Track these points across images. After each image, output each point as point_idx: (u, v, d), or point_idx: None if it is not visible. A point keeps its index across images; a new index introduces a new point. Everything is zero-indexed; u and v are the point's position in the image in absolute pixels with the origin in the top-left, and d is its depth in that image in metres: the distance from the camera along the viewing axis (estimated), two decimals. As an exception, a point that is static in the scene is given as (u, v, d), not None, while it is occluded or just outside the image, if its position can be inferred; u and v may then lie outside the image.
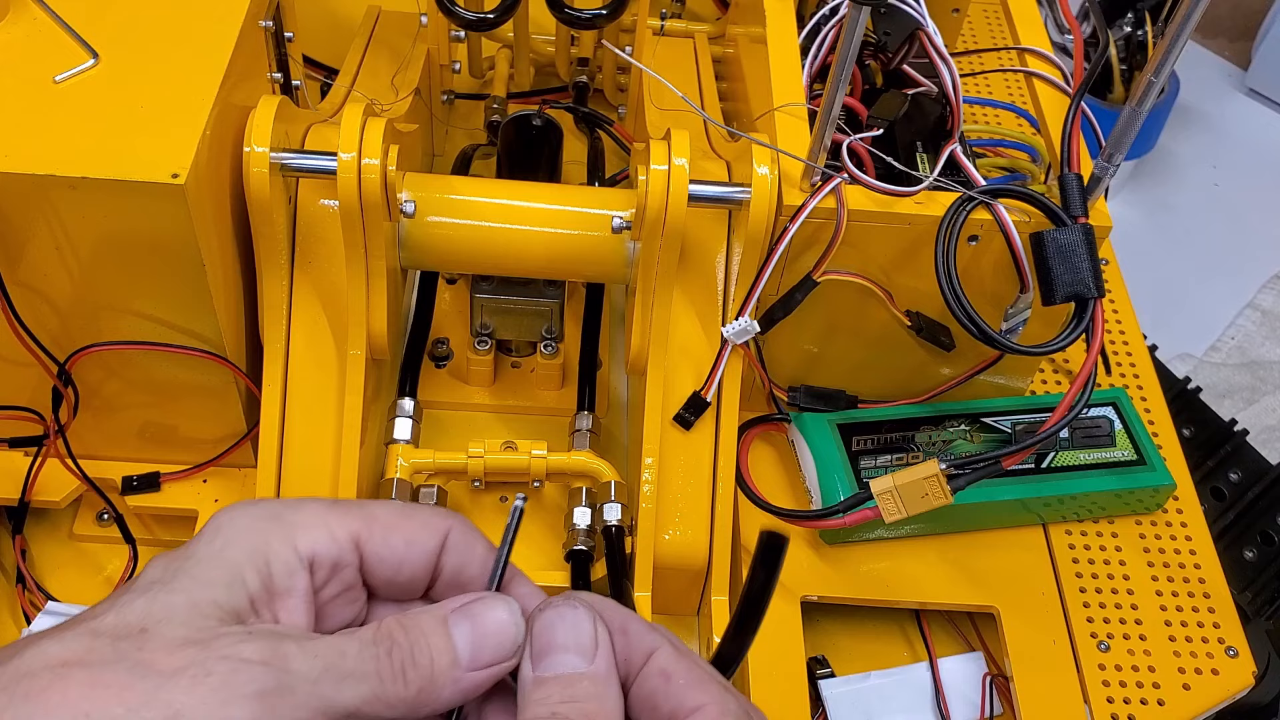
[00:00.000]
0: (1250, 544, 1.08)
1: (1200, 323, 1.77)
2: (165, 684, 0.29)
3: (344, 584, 0.35)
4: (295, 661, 0.31)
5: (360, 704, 0.31)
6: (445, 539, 0.36)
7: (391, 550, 0.35)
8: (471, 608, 0.34)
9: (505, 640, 0.33)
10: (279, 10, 0.72)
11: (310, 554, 0.34)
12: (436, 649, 0.33)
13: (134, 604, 0.31)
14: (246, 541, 0.33)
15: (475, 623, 0.33)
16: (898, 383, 0.74)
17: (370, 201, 0.61)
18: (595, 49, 0.93)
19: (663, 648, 0.34)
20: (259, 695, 0.30)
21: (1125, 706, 0.66)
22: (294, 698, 0.30)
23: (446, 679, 0.32)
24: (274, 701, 0.30)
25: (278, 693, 0.30)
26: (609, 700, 0.33)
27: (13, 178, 0.55)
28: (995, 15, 1.08)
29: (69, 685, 0.29)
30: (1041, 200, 0.64)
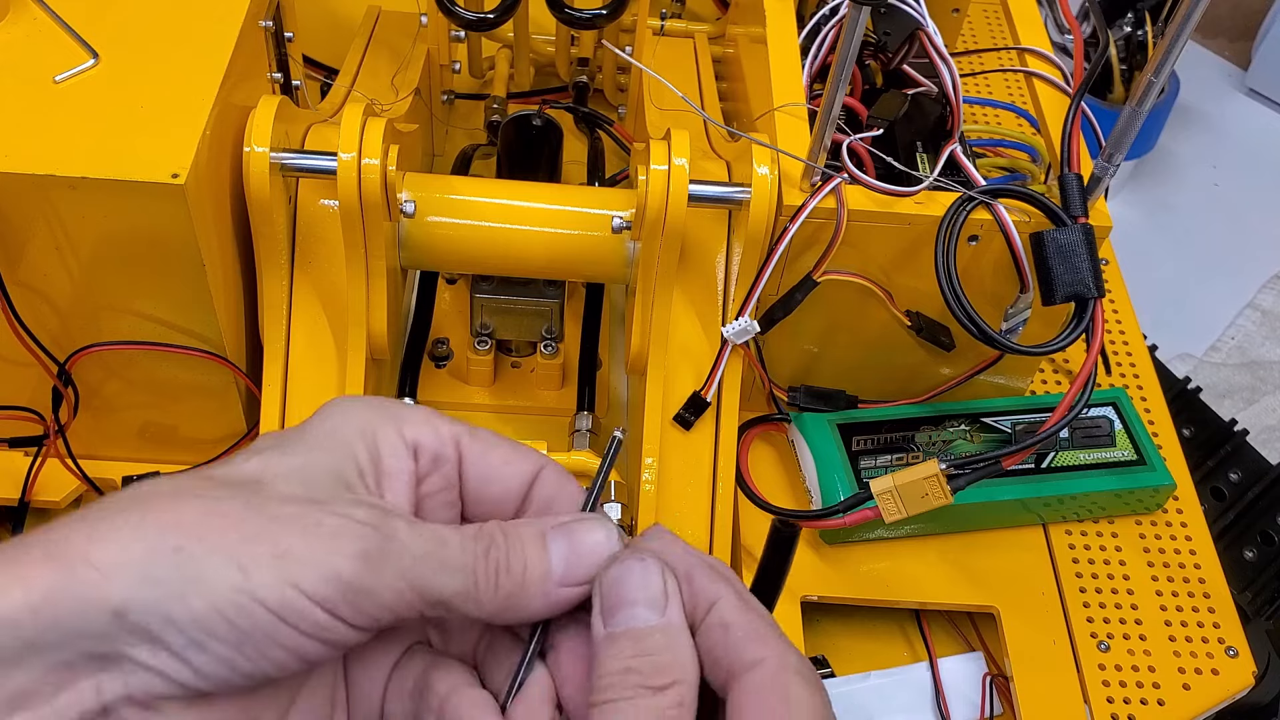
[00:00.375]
0: (1250, 544, 1.08)
1: (1200, 323, 1.77)
2: (277, 524, 0.30)
3: (443, 480, 0.35)
4: (402, 534, 0.32)
5: (452, 596, 0.32)
6: (539, 472, 0.36)
7: (488, 462, 0.36)
8: (571, 526, 0.34)
9: (600, 560, 0.34)
10: (279, 10, 0.72)
11: (415, 441, 0.34)
12: (532, 559, 0.33)
13: (248, 462, 0.33)
14: (356, 423, 0.34)
15: (573, 541, 0.34)
16: (898, 383, 0.74)
17: (370, 201, 0.61)
18: (595, 49, 0.93)
19: (724, 597, 0.33)
20: (364, 554, 0.30)
21: (1125, 706, 0.66)
22: (394, 568, 0.31)
23: (537, 590, 0.33)
24: (377, 565, 0.31)
25: (381, 558, 0.31)
26: (682, 651, 0.32)
27: (13, 178, 0.55)
28: (995, 15, 1.08)
29: (184, 508, 0.30)
30: (1041, 200, 0.64)
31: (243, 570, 0.29)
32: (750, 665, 0.32)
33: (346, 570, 0.30)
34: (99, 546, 0.29)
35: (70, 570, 0.29)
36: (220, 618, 0.29)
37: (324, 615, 0.30)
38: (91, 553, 0.29)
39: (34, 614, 0.28)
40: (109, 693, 0.30)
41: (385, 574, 0.31)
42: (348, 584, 0.30)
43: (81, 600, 0.29)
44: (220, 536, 0.30)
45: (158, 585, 0.29)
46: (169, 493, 0.31)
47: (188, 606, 0.29)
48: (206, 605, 0.29)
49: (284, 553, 0.30)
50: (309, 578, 0.30)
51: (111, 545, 0.29)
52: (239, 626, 0.29)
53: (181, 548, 0.29)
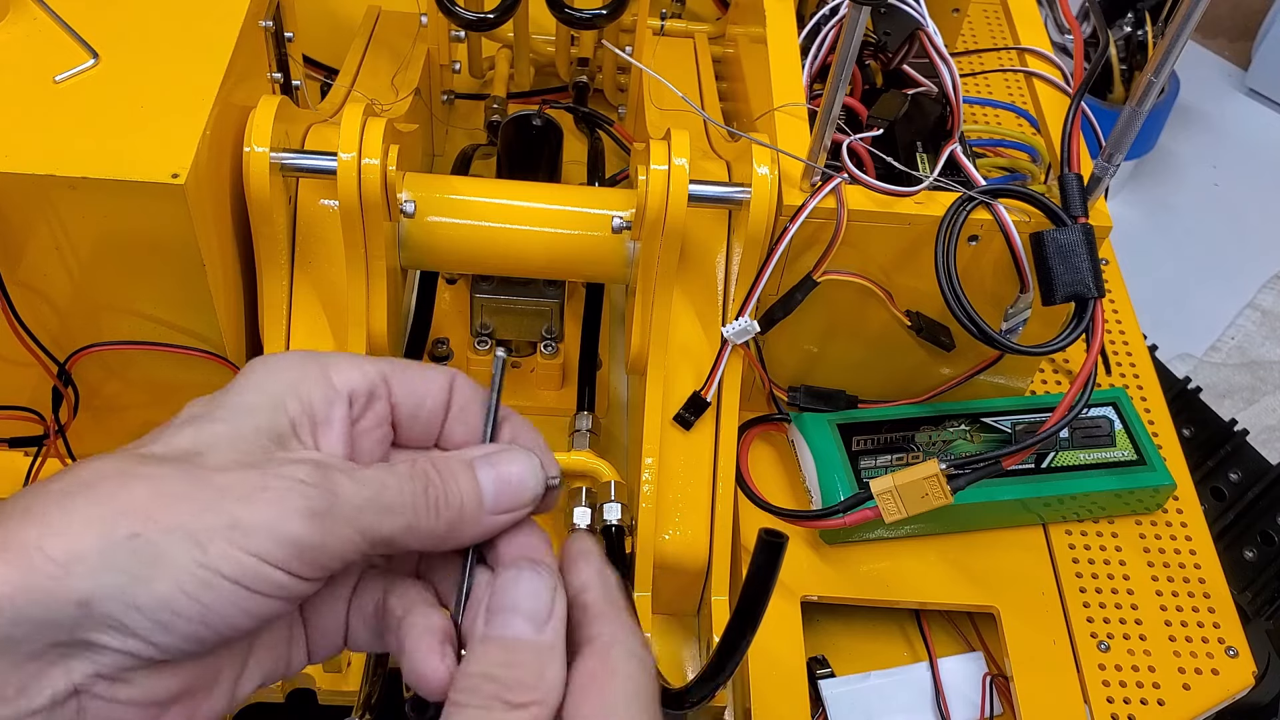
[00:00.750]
0: (1250, 544, 1.08)
1: (1200, 323, 1.77)
2: (224, 496, 0.31)
3: (376, 418, 0.37)
4: (343, 487, 0.33)
5: (395, 534, 0.34)
6: (453, 383, 0.38)
7: (413, 387, 0.37)
8: (494, 457, 0.36)
9: (524, 490, 0.36)
10: (279, 10, 0.72)
11: (348, 386, 0.36)
12: (466, 490, 0.35)
13: (180, 433, 0.33)
14: (285, 376, 0.35)
15: (498, 471, 0.36)
16: (898, 383, 0.74)
17: (370, 201, 0.61)
18: (595, 49, 0.93)
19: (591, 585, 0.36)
20: (310, 513, 0.32)
21: (1125, 706, 0.66)
22: (341, 520, 0.32)
23: (472, 519, 0.35)
24: (324, 521, 0.32)
25: (328, 514, 0.32)
26: (550, 672, 0.33)
27: (13, 178, 0.55)
28: (995, 15, 1.08)
29: (133, 491, 0.31)
30: (1041, 200, 0.64)
31: (199, 546, 0.30)
32: (588, 639, 0.34)
33: (297, 530, 0.31)
34: (54, 540, 0.30)
35: (29, 566, 0.29)
36: (184, 596, 0.30)
37: (282, 575, 0.31)
38: (48, 546, 0.29)
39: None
40: (78, 673, 0.30)
41: (331, 528, 0.32)
42: (300, 543, 0.31)
43: (45, 594, 0.29)
44: (172, 516, 0.30)
45: (119, 573, 0.30)
46: (113, 474, 0.31)
47: (151, 590, 0.30)
48: (170, 586, 0.30)
49: (235, 523, 0.31)
50: (263, 544, 0.31)
51: (67, 538, 0.30)
52: (202, 601, 0.30)
53: (137, 534, 0.30)
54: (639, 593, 0.65)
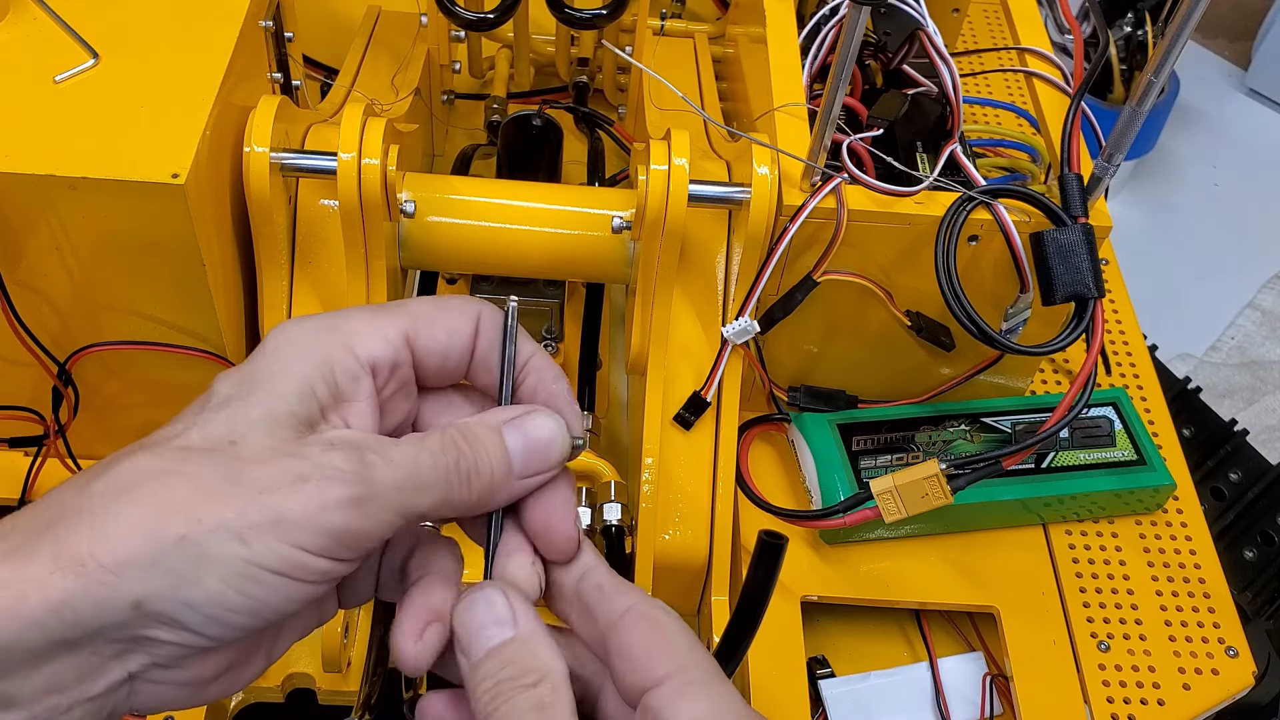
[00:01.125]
0: (1250, 544, 1.08)
1: (1200, 323, 1.77)
2: (265, 491, 0.32)
3: (401, 381, 0.37)
4: (379, 471, 0.34)
5: (432, 508, 0.35)
6: (478, 322, 0.38)
7: (437, 341, 0.37)
8: (522, 422, 0.37)
9: (552, 452, 0.37)
10: (279, 10, 0.72)
11: (370, 360, 0.36)
12: (495, 459, 0.36)
13: (215, 420, 0.34)
14: (310, 355, 0.35)
15: (526, 437, 0.36)
16: (898, 383, 0.74)
17: (370, 201, 0.61)
18: (595, 49, 0.93)
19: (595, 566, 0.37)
20: (351, 501, 0.33)
21: (1125, 706, 0.66)
22: (379, 503, 0.33)
23: (502, 485, 0.36)
24: (364, 507, 0.33)
25: (367, 499, 0.33)
26: (543, 651, 0.35)
27: (13, 178, 0.55)
28: (995, 15, 1.08)
29: (175, 490, 0.32)
30: (1041, 200, 0.64)
31: (244, 543, 0.31)
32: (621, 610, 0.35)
33: (338, 520, 0.32)
34: (105, 546, 0.30)
35: (83, 574, 0.30)
36: (232, 591, 0.31)
37: (325, 562, 0.33)
38: (99, 554, 0.30)
39: (57, 617, 0.30)
40: (134, 664, 0.32)
41: (371, 512, 0.33)
42: (342, 531, 0.32)
43: (100, 600, 0.30)
44: (216, 515, 0.31)
45: (169, 575, 0.31)
46: (155, 474, 0.32)
47: (201, 588, 0.31)
48: (218, 583, 0.31)
49: (279, 518, 0.32)
50: (306, 536, 0.32)
51: (117, 544, 0.31)
52: (249, 594, 0.32)
53: (184, 536, 0.31)
54: (639, 593, 0.65)
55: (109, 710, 0.32)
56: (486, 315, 0.38)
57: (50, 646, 0.30)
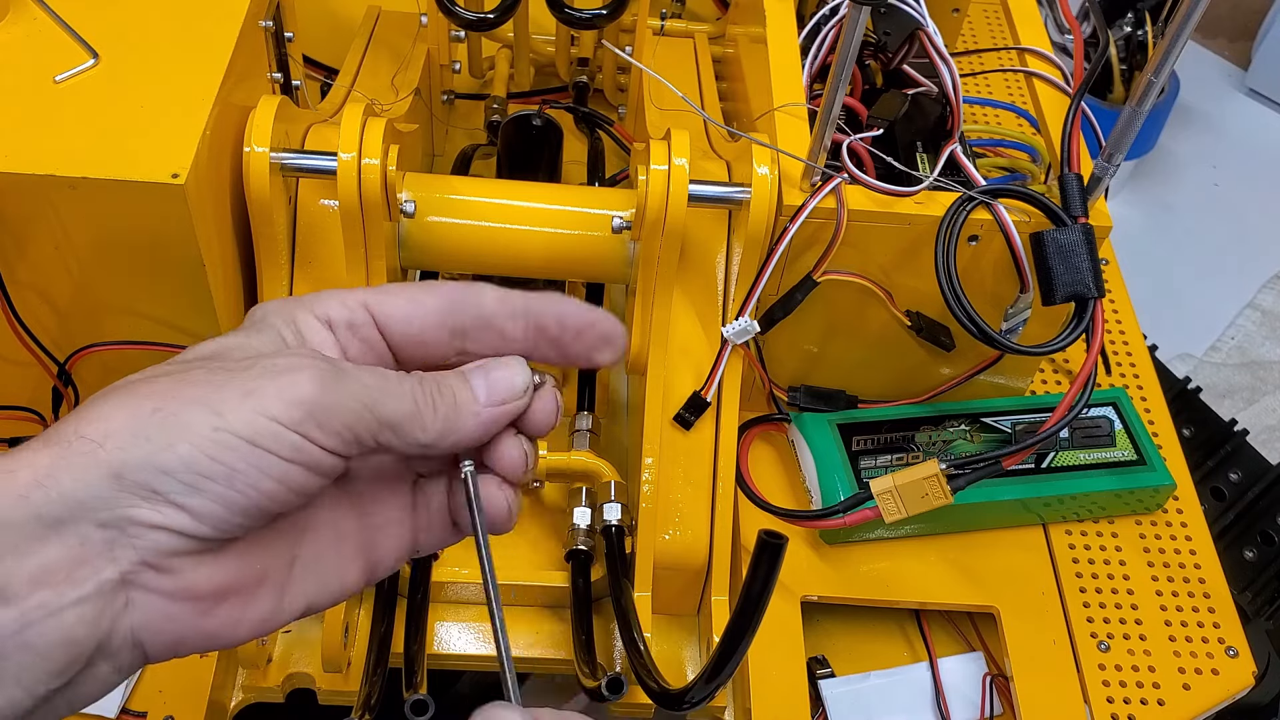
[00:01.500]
0: (1250, 544, 1.08)
1: (1200, 323, 1.76)
2: (240, 374, 0.34)
3: (366, 342, 0.39)
4: (350, 366, 0.36)
5: (401, 418, 0.36)
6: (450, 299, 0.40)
7: (397, 306, 0.39)
8: (486, 365, 0.39)
9: (515, 384, 0.39)
10: (279, 10, 0.72)
11: (327, 316, 0.38)
12: (459, 389, 0.38)
13: (197, 349, 0.37)
14: (277, 313, 0.38)
15: (489, 375, 0.39)
16: (898, 383, 0.74)
17: (370, 201, 0.61)
18: (595, 49, 0.93)
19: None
20: (320, 378, 0.34)
21: (1125, 706, 0.66)
22: (349, 389, 0.35)
23: (468, 410, 0.38)
24: (333, 386, 0.34)
25: (336, 380, 0.35)
26: None
27: (13, 178, 0.55)
28: (995, 15, 1.08)
29: (157, 381, 0.34)
30: (1041, 200, 0.64)
31: (217, 413, 0.33)
32: None
33: (307, 392, 0.34)
34: (88, 424, 0.33)
35: (67, 446, 0.32)
36: (205, 457, 0.33)
37: (295, 436, 0.33)
38: (82, 429, 0.33)
39: (41, 488, 0.31)
40: (124, 560, 0.33)
41: (343, 393, 0.35)
42: (312, 403, 0.34)
43: (81, 471, 0.32)
44: (192, 393, 0.33)
45: (146, 442, 0.32)
46: (141, 377, 0.35)
47: (176, 454, 0.32)
48: (191, 449, 0.32)
49: (250, 391, 0.33)
50: (275, 405, 0.33)
51: (98, 421, 0.33)
52: (223, 461, 0.33)
53: (160, 408, 0.33)
54: (639, 593, 0.65)
55: (106, 624, 0.32)
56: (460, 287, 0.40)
57: (36, 523, 0.31)
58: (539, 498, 0.73)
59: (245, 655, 0.63)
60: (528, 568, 0.69)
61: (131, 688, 0.62)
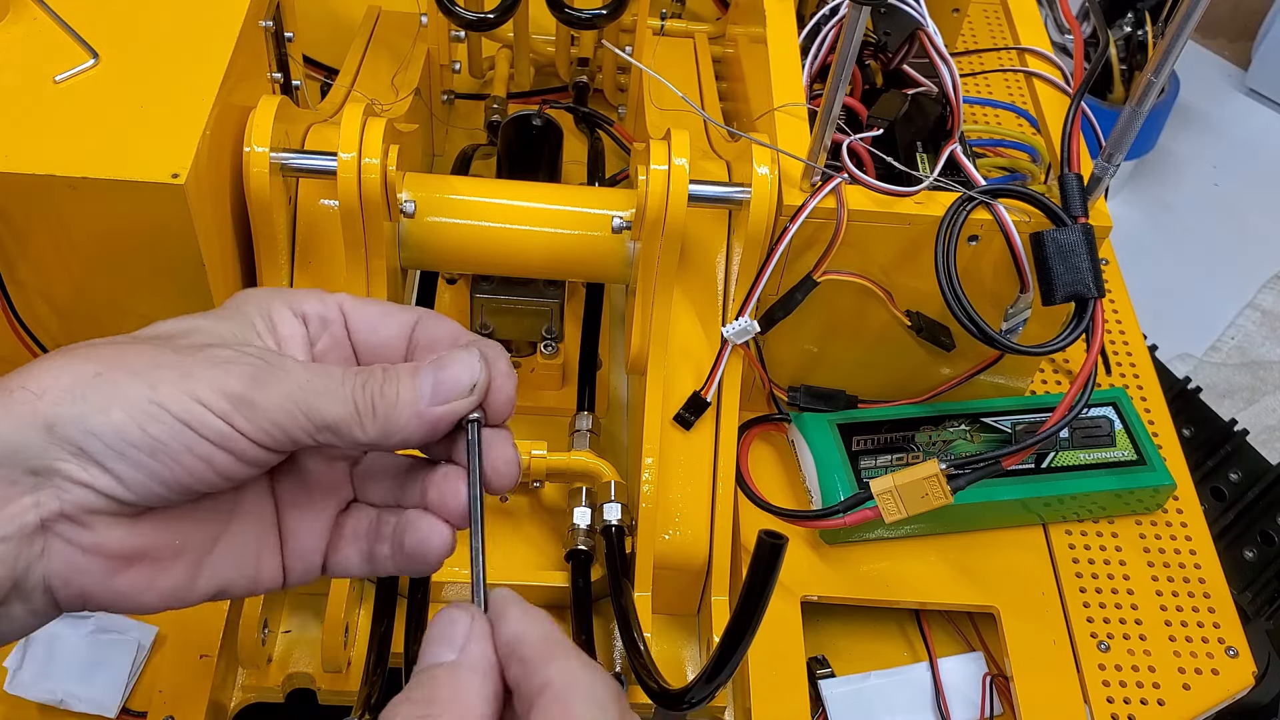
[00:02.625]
0: (1250, 544, 1.08)
1: (1200, 323, 1.77)
2: (180, 357, 0.36)
3: (333, 340, 0.41)
4: (290, 365, 0.37)
5: (336, 420, 0.37)
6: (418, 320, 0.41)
7: (368, 314, 0.41)
8: (441, 359, 0.39)
9: (461, 382, 0.38)
10: (279, 10, 0.72)
11: (303, 310, 0.40)
12: (404, 386, 0.38)
13: (158, 325, 0.38)
14: (255, 300, 0.40)
15: (440, 372, 0.39)
16: (898, 383, 0.74)
17: (370, 201, 0.61)
18: (595, 49, 0.93)
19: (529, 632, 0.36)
20: (252, 376, 0.36)
21: (1125, 706, 0.66)
22: (280, 389, 0.36)
23: (409, 411, 0.38)
24: (263, 384, 0.36)
25: (268, 379, 0.36)
26: (464, 689, 0.35)
27: (13, 178, 0.55)
28: (995, 15, 1.08)
29: (103, 349, 0.36)
30: (1041, 200, 0.64)
31: (152, 387, 0.35)
32: (543, 687, 0.34)
33: (236, 386, 0.35)
34: (32, 379, 0.35)
35: (9, 395, 0.34)
36: (134, 425, 0.34)
37: (221, 424, 0.35)
38: (26, 381, 0.35)
39: None
40: (46, 508, 0.34)
41: (272, 393, 0.36)
42: (238, 396, 0.35)
43: (18, 419, 0.34)
44: (134, 365, 0.35)
45: (82, 402, 0.34)
46: (93, 343, 0.37)
47: (108, 418, 0.34)
48: (123, 415, 0.34)
49: (188, 373, 0.35)
50: (205, 391, 0.35)
51: (43, 376, 0.35)
52: (150, 433, 0.34)
53: (100, 373, 0.35)
54: (639, 593, 0.65)
55: (23, 566, 0.34)
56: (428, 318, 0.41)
57: None
58: (539, 498, 0.73)
59: (245, 655, 0.63)
60: (528, 568, 0.70)
61: (131, 687, 0.62)
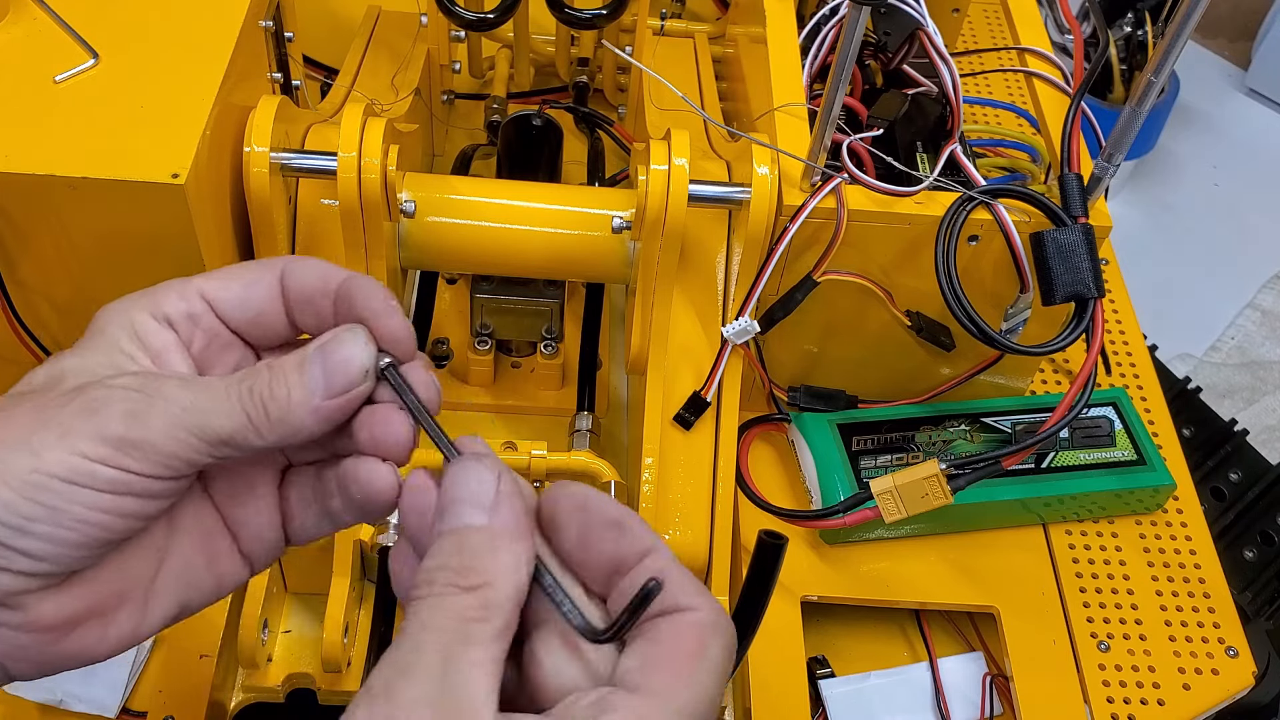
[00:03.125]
0: (1250, 544, 1.08)
1: (1200, 323, 1.77)
2: (61, 412, 0.34)
3: (209, 332, 0.39)
4: (169, 389, 0.35)
5: (231, 433, 0.35)
6: (281, 271, 0.39)
7: (232, 291, 0.39)
8: (325, 346, 0.37)
9: (352, 370, 0.37)
10: (279, 10, 0.72)
11: (165, 314, 0.38)
12: (293, 384, 0.36)
13: (37, 373, 0.37)
14: (115, 319, 0.38)
15: (327, 359, 0.37)
16: (898, 383, 0.74)
17: (370, 201, 0.61)
18: (595, 49, 0.93)
19: (659, 550, 0.36)
20: (131, 413, 0.34)
21: (1125, 706, 0.66)
22: (165, 419, 0.35)
23: (304, 409, 0.36)
24: (143, 419, 0.34)
25: (149, 410, 0.34)
26: (502, 556, 0.33)
27: (13, 178, 0.55)
28: (995, 15, 1.08)
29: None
30: (1041, 200, 0.64)
31: (34, 454, 0.33)
32: (683, 608, 0.34)
33: (114, 429, 0.34)
34: None
35: None
36: (26, 500, 0.33)
37: (111, 471, 0.34)
38: None
39: None
40: None
41: (155, 424, 0.34)
42: (120, 439, 0.34)
43: None
44: (14, 434, 0.34)
45: None
46: None
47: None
48: (12, 492, 0.33)
49: (66, 431, 0.34)
50: (87, 444, 0.33)
51: None
52: (44, 502, 0.33)
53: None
54: (639, 593, 0.65)
55: None
56: (294, 270, 0.39)
57: None
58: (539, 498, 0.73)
59: (245, 655, 0.63)
60: (528, 568, 0.69)
61: (131, 687, 0.62)
